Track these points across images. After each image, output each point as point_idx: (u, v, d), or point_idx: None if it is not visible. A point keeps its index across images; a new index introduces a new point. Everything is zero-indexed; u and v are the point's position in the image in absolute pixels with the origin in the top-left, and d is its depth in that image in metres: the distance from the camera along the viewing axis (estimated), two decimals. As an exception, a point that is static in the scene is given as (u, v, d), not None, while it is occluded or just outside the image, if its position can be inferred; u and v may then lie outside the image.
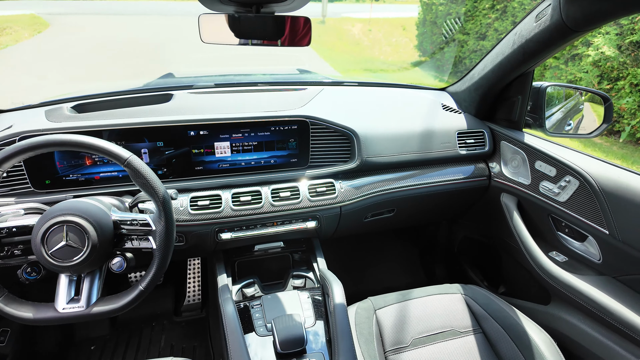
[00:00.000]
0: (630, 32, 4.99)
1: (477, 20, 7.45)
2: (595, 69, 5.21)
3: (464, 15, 8.08)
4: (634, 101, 4.75)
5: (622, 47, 5.05)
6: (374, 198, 1.42)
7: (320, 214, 1.35)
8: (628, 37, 4.97)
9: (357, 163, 1.37)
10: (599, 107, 1.49)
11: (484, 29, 7.24)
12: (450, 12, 8.44)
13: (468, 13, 7.88)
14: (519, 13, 6.47)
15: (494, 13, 7.06)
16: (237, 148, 1.30)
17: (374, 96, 1.62)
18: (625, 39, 5.00)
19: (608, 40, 5.19)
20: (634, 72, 4.81)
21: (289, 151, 1.35)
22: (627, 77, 4.87)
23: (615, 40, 5.14)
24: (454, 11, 8.36)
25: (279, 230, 1.32)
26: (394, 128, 1.45)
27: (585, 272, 1.24)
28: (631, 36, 4.94)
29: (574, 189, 1.23)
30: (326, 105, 1.45)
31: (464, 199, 1.63)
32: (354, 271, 2.06)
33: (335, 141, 1.39)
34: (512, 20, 6.59)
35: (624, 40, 5.02)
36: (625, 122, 4.87)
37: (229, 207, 1.24)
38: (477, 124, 1.56)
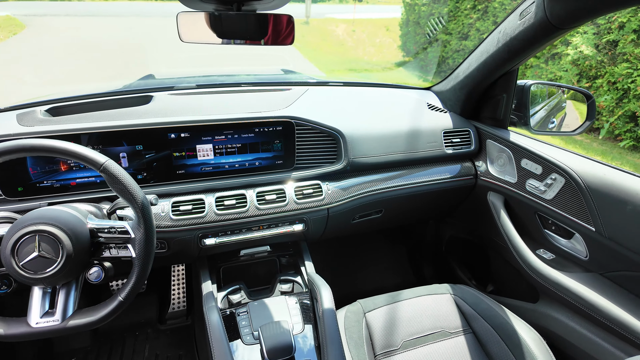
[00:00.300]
0: (606, 32, 5.12)
1: (459, 20, 7.54)
2: (574, 67, 5.33)
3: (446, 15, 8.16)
4: (612, 99, 4.88)
5: (600, 46, 5.17)
6: (362, 199, 1.40)
7: (307, 217, 1.32)
8: (605, 36, 5.09)
9: (344, 164, 1.35)
10: (582, 105, 1.51)
11: (466, 29, 7.33)
12: (432, 13, 8.52)
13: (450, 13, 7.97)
14: (500, 13, 6.57)
15: (475, 13, 7.15)
16: (220, 150, 1.26)
17: (359, 96, 1.60)
18: (602, 38, 5.12)
19: (586, 40, 5.31)
20: (611, 71, 4.93)
21: (274, 153, 1.32)
22: (604, 75, 4.99)
23: (593, 39, 5.26)
24: (436, 11, 8.44)
25: (265, 234, 1.29)
26: (380, 128, 1.44)
27: (573, 269, 1.24)
28: (608, 35, 5.07)
29: (560, 186, 1.24)
30: (311, 105, 1.42)
31: (451, 198, 1.62)
32: (342, 273, 2.04)
33: (322, 142, 1.36)
34: (493, 20, 6.69)
35: (601, 40, 5.14)
36: (604, 119, 4.99)
37: (212, 212, 1.20)
38: (463, 123, 1.55)
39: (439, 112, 1.58)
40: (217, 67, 6.98)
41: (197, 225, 1.20)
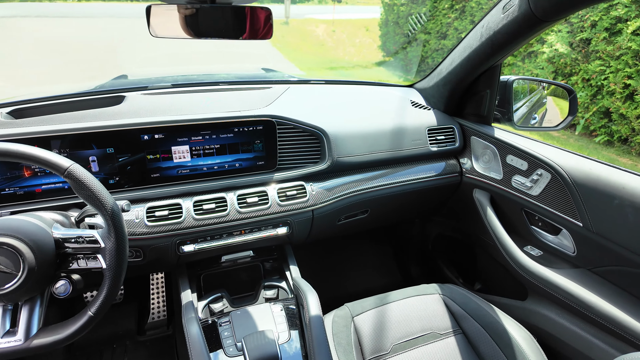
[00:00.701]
0: (580, 30, 5.25)
1: (437, 20, 7.63)
2: (550, 65, 5.45)
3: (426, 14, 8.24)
4: (587, 95, 5.00)
5: (574, 44, 5.30)
6: (347, 199, 1.36)
7: (291, 219, 1.27)
8: (578, 34, 5.22)
9: (328, 164, 1.30)
10: (564, 100, 1.51)
11: (445, 28, 7.42)
12: (411, 12, 8.60)
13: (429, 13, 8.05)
14: (477, 13, 6.67)
15: (453, 13, 7.24)
16: (198, 152, 1.20)
17: (342, 94, 1.56)
18: (575, 36, 5.25)
19: (560, 38, 5.44)
20: (585, 68, 5.06)
21: (255, 153, 1.26)
22: (579, 72, 5.11)
23: (567, 37, 5.39)
24: (415, 11, 8.51)
25: (248, 238, 1.23)
26: (364, 126, 1.40)
27: (561, 266, 1.23)
28: (581, 34, 5.20)
29: (546, 182, 1.23)
30: (293, 104, 1.38)
31: (436, 196, 1.60)
32: (329, 276, 2.00)
33: (304, 142, 1.32)
34: (470, 20, 6.79)
35: (574, 38, 5.27)
36: (580, 115, 5.11)
37: (190, 217, 1.14)
38: (447, 120, 1.54)
39: (423, 109, 1.55)
40: (196, 66, 6.84)
41: (175, 231, 1.13)
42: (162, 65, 6.95)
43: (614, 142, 4.89)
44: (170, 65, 7.02)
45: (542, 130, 1.63)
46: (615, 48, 4.80)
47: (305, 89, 1.54)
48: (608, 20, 4.88)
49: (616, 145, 4.87)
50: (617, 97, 4.80)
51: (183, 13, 0.94)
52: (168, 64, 7.01)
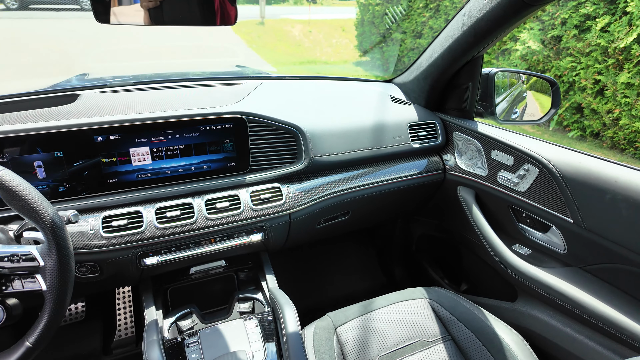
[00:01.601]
0: (551, 28, 5.35)
1: (412, 19, 7.66)
2: (523, 62, 5.53)
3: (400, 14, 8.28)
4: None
5: (545, 42, 5.40)
6: (327, 201, 1.27)
7: (266, 225, 1.17)
8: (549, 32, 5.32)
9: (305, 163, 1.21)
10: (547, 92, 1.47)
11: (420, 27, 7.46)
12: (386, 12, 8.62)
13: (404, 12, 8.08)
14: (451, 11, 6.72)
15: (427, 12, 7.29)
16: (160, 154, 1.08)
17: (318, 90, 1.47)
18: (547, 33, 5.35)
19: (533, 35, 5.53)
20: (557, 65, 5.15)
21: (224, 154, 1.16)
22: (551, 69, 5.21)
23: (539, 35, 5.49)
24: (390, 11, 8.54)
25: (218, 247, 1.13)
26: (343, 123, 1.31)
27: (551, 264, 1.18)
28: (552, 31, 5.30)
29: (534, 177, 1.17)
30: (265, 100, 1.28)
31: (419, 194, 1.53)
32: (310, 282, 1.90)
33: (279, 140, 1.22)
34: (445, 19, 6.84)
35: (546, 35, 5.37)
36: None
37: (152, 226, 1.03)
38: (428, 115, 1.47)
39: (403, 104, 1.48)
40: (166, 60, 6.59)
41: (135, 242, 1.01)
42: (126, 60, 6.66)
43: (587, 137, 4.99)
44: (135, 60, 6.74)
45: (525, 124, 1.60)
46: (585, 45, 4.91)
47: (279, 85, 1.45)
48: (577, 17, 4.99)
49: (588, 139, 4.98)
50: (588, 93, 4.91)
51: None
52: (133, 59, 6.72)
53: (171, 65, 6.43)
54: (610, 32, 4.66)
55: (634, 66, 4.55)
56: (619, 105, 4.71)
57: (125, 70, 6.10)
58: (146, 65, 6.27)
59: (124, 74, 1.50)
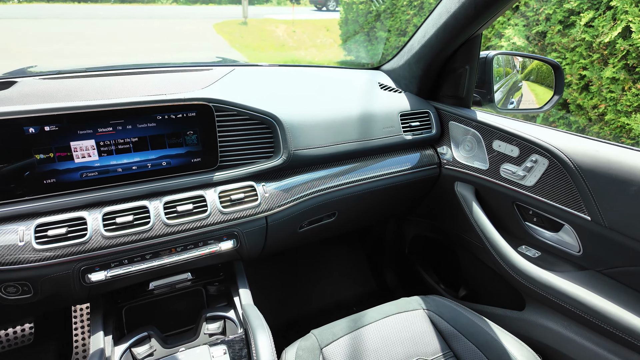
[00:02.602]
0: (535, 23, 5.32)
1: (396, 17, 7.58)
2: (508, 58, 5.48)
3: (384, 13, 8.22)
4: (545, 87, 5.05)
5: (530, 38, 5.36)
6: (310, 201, 1.11)
7: (239, 230, 1.00)
8: (534, 28, 5.29)
9: (283, 158, 1.05)
10: (549, 77, 1.34)
11: (404, 25, 7.38)
12: (370, 11, 8.54)
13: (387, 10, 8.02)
14: (435, 9, 6.65)
15: (411, 9, 7.22)
16: (108, 148, 0.90)
17: (298, 77, 1.31)
18: (532, 29, 5.31)
19: (517, 32, 5.49)
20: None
21: (187, 148, 0.98)
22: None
23: (523, 31, 5.45)
24: (374, 9, 8.46)
25: (181, 259, 0.95)
26: (326, 112, 1.16)
27: (564, 268, 1.04)
28: (536, 27, 5.26)
29: (543, 169, 1.03)
30: (238, 86, 1.12)
31: (413, 192, 1.39)
32: (293, 290, 1.73)
33: (253, 132, 1.06)
34: (429, 16, 6.76)
35: (531, 31, 5.33)
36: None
37: (98, 235, 0.85)
38: (421, 104, 1.32)
39: (393, 92, 1.33)
40: (141, 56, 6.31)
41: (77, 255, 0.84)
42: (97, 56, 6.37)
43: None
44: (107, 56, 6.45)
45: (527, 113, 1.47)
46: (569, 40, 4.88)
47: (254, 71, 1.28)
48: (561, 13, 4.96)
49: (575, 135, 4.94)
50: (573, 88, 4.88)
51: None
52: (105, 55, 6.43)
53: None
54: (595, 27, 4.64)
55: (618, 61, 4.53)
56: (604, 101, 4.69)
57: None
58: (118, 62, 6.01)
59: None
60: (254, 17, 14.63)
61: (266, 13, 16.48)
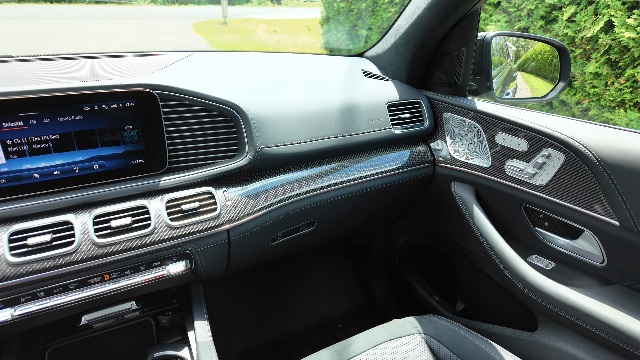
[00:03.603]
0: (517, 19, 5.27)
1: (378, 15, 7.48)
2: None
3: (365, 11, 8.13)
4: (529, 83, 4.99)
5: (513, 34, 5.31)
6: (283, 209, 0.93)
7: (193, 248, 0.81)
8: (516, 23, 5.23)
9: (248, 157, 0.86)
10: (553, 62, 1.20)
11: (386, 23, 7.28)
12: (352, 9, 8.43)
13: (369, 9, 7.93)
14: (417, 5, 6.56)
15: (393, 7, 7.12)
16: (19, 148, 0.70)
17: (268, 63, 1.13)
18: (514, 25, 5.26)
19: (500, 28, 5.43)
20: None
21: (126, 147, 0.79)
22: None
23: (506, 27, 5.39)
24: (355, 7, 8.36)
25: (116, 287, 0.75)
26: (302, 103, 0.98)
27: (584, 282, 0.88)
28: (518, 22, 5.21)
29: (558, 165, 0.88)
30: (193, 72, 0.93)
31: (403, 194, 1.22)
32: (271, 307, 1.54)
33: (211, 126, 0.87)
34: (411, 13, 6.67)
35: (513, 27, 5.28)
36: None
37: (3, 261, 0.64)
38: (411, 93, 1.15)
39: (379, 80, 1.16)
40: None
41: None
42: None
43: (558, 129, 4.92)
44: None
45: (529, 102, 1.33)
46: (552, 36, 4.83)
47: (216, 56, 1.09)
48: (543, 8, 4.92)
49: (560, 131, 4.90)
50: (557, 84, 4.83)
51: None
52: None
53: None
54: (577, 22, 4.60)
55: (601, 55, 4.51)
56: (587, 96, 4.66)
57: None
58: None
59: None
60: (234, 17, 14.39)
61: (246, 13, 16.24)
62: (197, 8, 19.19)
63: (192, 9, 18.89)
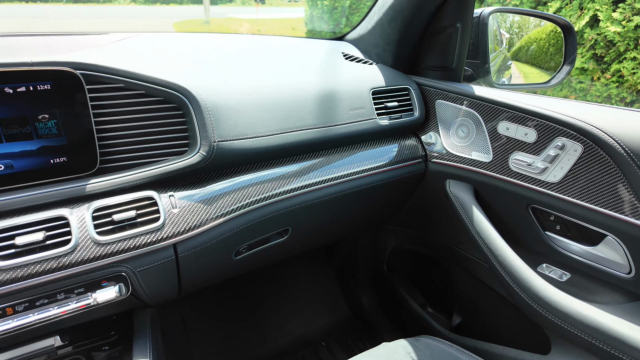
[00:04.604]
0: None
1: (362, 12, 7.39)
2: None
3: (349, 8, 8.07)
4: (516, 79, 4.94)
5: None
6: (248, 216, 0.77)
7: (128, 268, 0.64)
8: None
9: (201, 154, 0.70)
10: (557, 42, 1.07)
11: (371, 20, 7.20)
12: (336, 7, 8.33)
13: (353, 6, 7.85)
14: (402, 2, 6.49)
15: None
16: None
17: (233, 45, 0.96)
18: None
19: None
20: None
21: (42, 142, 0.62)
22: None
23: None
24: (339, 5, 8.25)
25: (22, 324, 0.58)
26: (270, 88, 0.82)
27: (606, 297, 0.75)
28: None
29: (574, 158, 0.74)
30: (134, 52, 0.76)
31: (391, 195, 1.07)
32: (244, 327, 1.36)
33: (153, 115, 0.70)
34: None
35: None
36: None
37: None
38: (399, 78, 1.01)
39: (362, 63, 1.01)
40: None
41: None
42: None
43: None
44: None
45: (530, 89, 1.20)
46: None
47: (171, 37, 0.92)
48: (529, 3, 4.87)
49: (548, 127, 4.86)
50: (544, 80, 4.79)
51: None
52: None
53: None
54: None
55: (587, 51, 4.47)
56: (574, 92, 4.62)
57: None
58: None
59: None
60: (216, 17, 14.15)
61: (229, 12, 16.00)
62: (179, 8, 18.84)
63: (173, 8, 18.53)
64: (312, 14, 8.95)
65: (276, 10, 18.18)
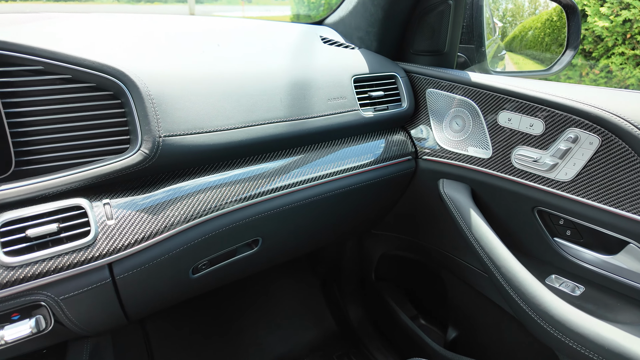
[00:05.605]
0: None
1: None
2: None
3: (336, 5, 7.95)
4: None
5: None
6: (206, 226, 0.65)
7: (49, 296, 0.52)
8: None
9: (143, 152, 0.57)
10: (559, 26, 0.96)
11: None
12: (322, 4, 8.23)
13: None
14: None
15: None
16: None
17: (190, 26, 0.83)
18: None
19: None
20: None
21: None
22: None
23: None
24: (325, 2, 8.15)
25: None
26: (232, 74, 0.69)
27: (627, 315, 0.64)
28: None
29: (590, 153, 0.63)
30: (62, 31, 0.63)
31: (377, 198, 0.95)
32: (219, 345, 1.23)
33: (83, 106, 0.57)
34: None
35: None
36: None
37: None
38: (384, 64, 0.89)
39: (343, 48, 0.89)
40: None
41: None
42: None
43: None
44: None
45: (530, 76, 1.10)
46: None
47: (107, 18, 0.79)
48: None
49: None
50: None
51: None
52: None
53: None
54: (550, 12, 4.53)
55: (575, 46, 4.44)
56: (562, 88, 4.60)
57: None
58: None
59: None
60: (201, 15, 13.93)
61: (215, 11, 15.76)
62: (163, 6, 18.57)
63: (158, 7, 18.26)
64: (298, 12, 8.85)
65: (262, 8, 18.01)
